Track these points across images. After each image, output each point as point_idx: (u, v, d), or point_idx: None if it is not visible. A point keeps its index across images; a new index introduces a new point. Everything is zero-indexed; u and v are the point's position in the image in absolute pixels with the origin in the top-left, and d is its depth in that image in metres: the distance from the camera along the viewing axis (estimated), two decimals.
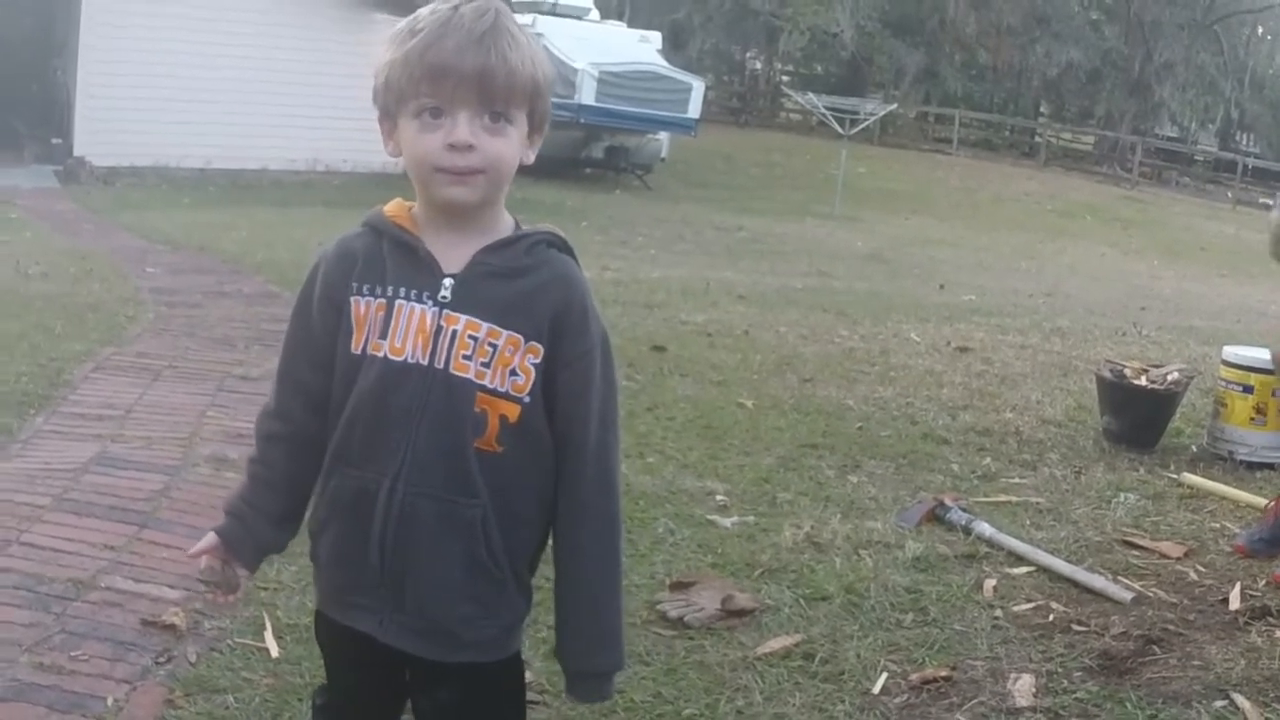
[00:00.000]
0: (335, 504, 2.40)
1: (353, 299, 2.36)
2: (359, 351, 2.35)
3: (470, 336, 2.31)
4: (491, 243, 2.37)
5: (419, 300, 2.33)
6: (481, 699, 2.49)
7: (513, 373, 2.33)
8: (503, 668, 2.50)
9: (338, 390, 2.39)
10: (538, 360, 2.34)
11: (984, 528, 5.52)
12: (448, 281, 2.33)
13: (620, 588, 2.50)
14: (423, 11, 2.30)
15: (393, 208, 2.42)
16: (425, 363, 2.31)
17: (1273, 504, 5.64)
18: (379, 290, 2.35)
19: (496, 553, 2.37)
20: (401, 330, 2.32)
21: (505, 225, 2.41)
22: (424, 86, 2.26)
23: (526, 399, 2.34)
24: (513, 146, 2.33)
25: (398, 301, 2.33)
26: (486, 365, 2.31)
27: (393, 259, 2.37)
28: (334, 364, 2.39)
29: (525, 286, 2.35)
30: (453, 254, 2.35)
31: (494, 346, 2.32)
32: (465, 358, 2.31)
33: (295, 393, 2.46)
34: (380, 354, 2.33)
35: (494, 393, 2.32)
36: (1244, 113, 54.05)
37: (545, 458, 2.40)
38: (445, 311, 2.32)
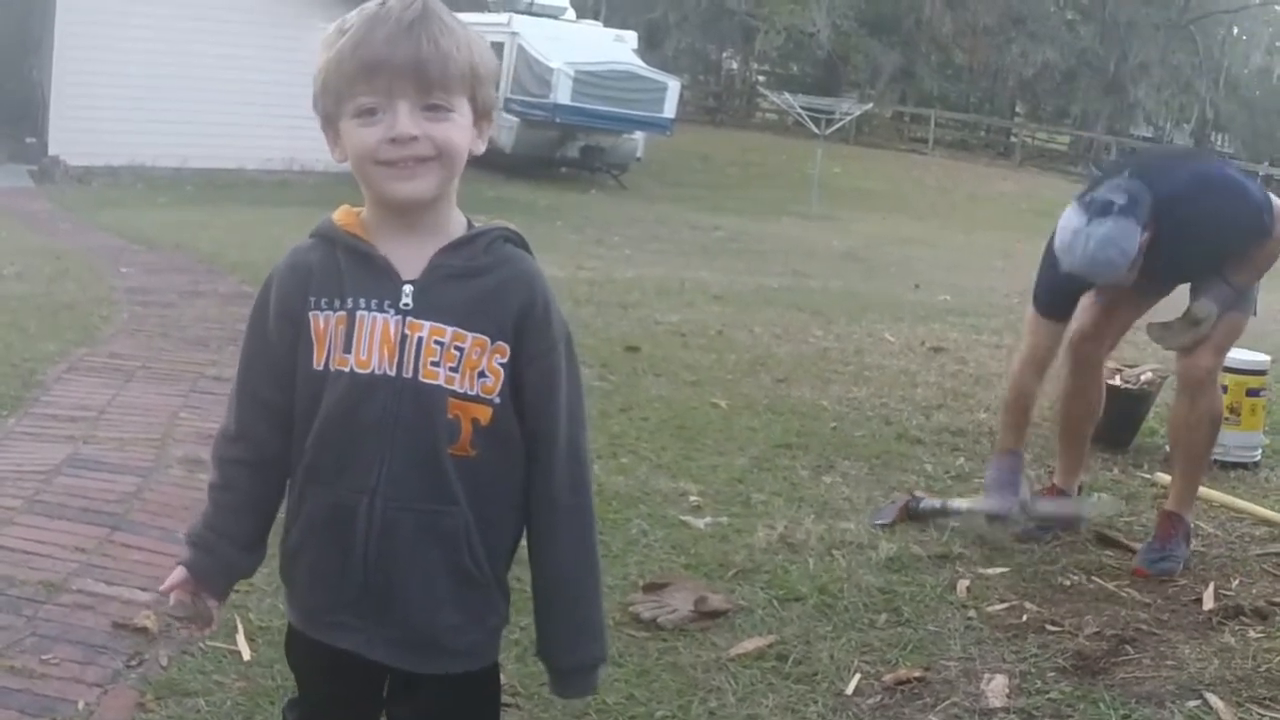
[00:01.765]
0: (310, 525, 2.36)
1: (311, 314, 2.32)
2: (322, 367, 2.31)
3: (436, 342, 2.28)
4: (449, 243, 2.34)
5: (380, 309, 2.29)
6: (462, 706, 2.48)
7: (481, 374, 2.30)
8: (483, 674, 2.49)
9: (301, 408, 2.35)
10: (505, 360, 2.32)
11: (959, 502, 5.54)
12: (408, 288, 2.29)
13: (599, 580, 2.50)
14: (351, 12, 2.27)
15: (342, 215, 2.39)
16: (393, 373, 2.28)
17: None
18: (337, 303, 2.31)
19: (479, 558, 2.35)
20: (365, 342, 2.28)
21: (458, 224, 2.38)
22: (359, 84, 2.23)
23: (497, 400, 2.32)
24: (461, 132, 2.29)
25: (359, 313, 2.29)
26: (455, 370, 2.29)
27: (349, 269, 2.32)
28: (295, 381, 2.36)
29: (487, 286, 2.33)
30: (409, 258, 2.31)
31: (460, 350, 2.29)
32: (433, 364, 2.28)
33: (257, 413, 2.41)
34: (346, 369, 2.29)
35: (464, 397, 2.29)
36: (1219, 113, 54.27)
37: (517, 457, 2.38)
38: (408, 319, 2.28)
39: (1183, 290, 5.48)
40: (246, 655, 4.02)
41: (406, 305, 2.29)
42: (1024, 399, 5.70)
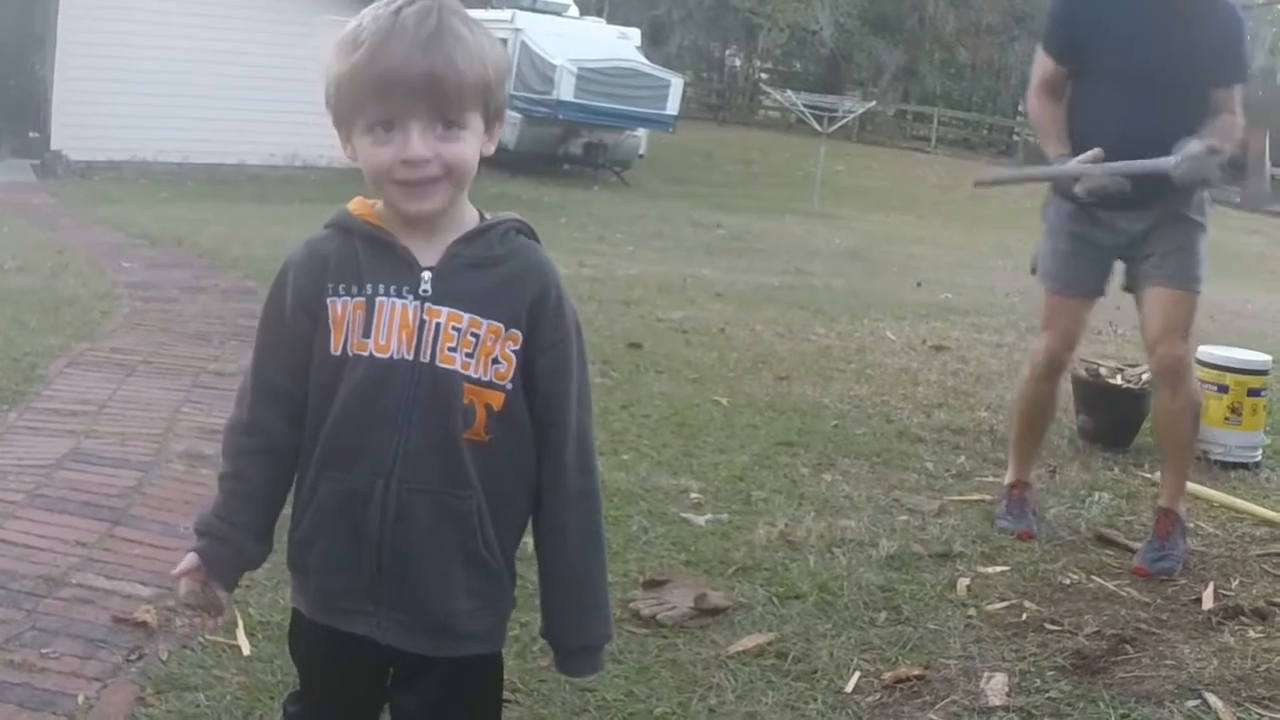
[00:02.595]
0: (324, 511, 2.38)
1: (329, 300, 2.35)
2: (339, 352, 2.33)
3: (453, 328, 2.32)
4: (464, 234, 2.37)
5: (399, 295, 2.32)
6: (466, 693, 2.51)
7: (495, 361, 2.34)
8: (488, 661, 2.53)
9: (317, 394, 2.38)
10: (517, 347, 2.36)
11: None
12: (426, 274, 2.33)
13: (604, 562, 2.54)
14: (366, 16, 2.27)
15: (357, 206, 2.42)
16: (411, 358, 2.31)
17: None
18: (355, 289, 2.34)
19: (491, 542, 2.39)
20: (385, 327, 2.31)
21: (471, 216, 2.42)
22: (372, 102, 2.25)
23: (509, 386, 2.36)
24: (471, 147, 2.32)
25: (378, 299, 2.32)
26: (470, 356, 2.32)
27: (367, 256, 2.36)
28: (308, 370, 2.38)
29: (501, 275, 2.37)
30: (425, 247, 2.35)
31: (476, 336, 2.32)
32: (450, 350, 2.31)
33: (272, 403, 2.43)
34: (365, 353, 2.32)
35: (479, 382, 2.33)
36: None
37: (527, 443, 2.42)
38: (427, 305, 2.32)
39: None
40: (246, 650, 4.02)
41: (425, 291, 2.32)
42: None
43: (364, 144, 2.29)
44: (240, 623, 4.14)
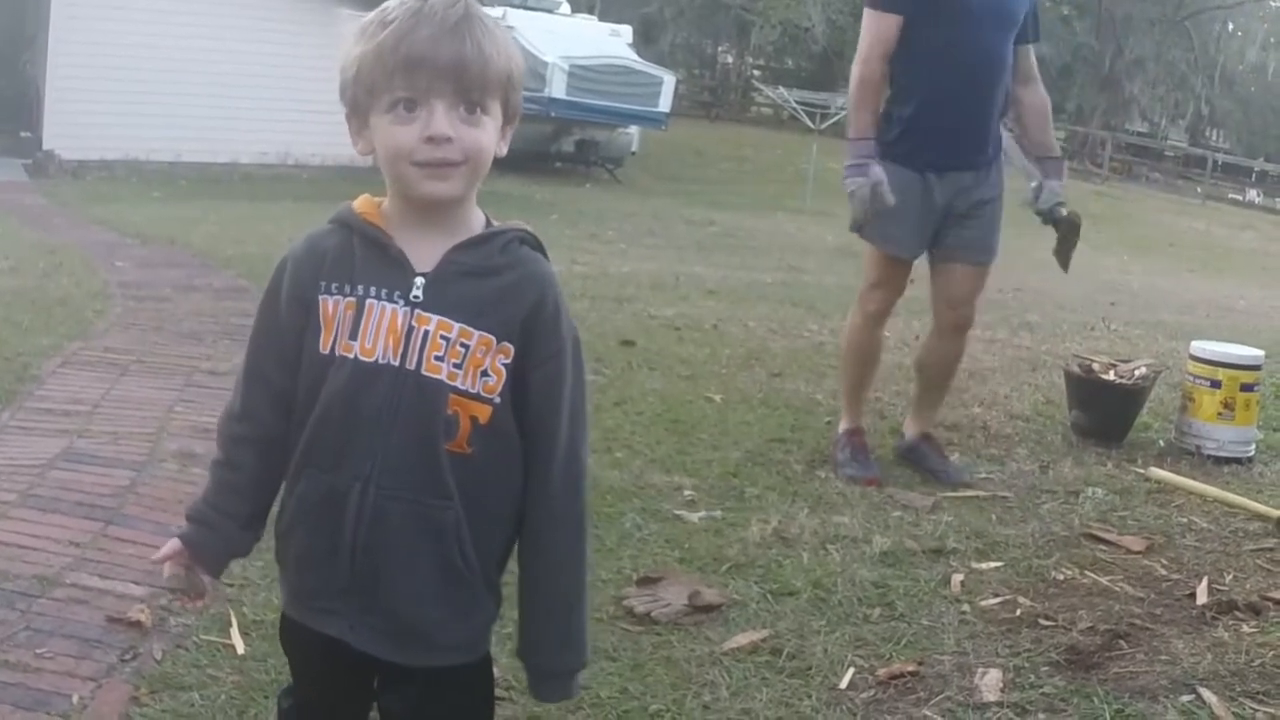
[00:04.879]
0: (303, 506, 2.37)
1: (321, 297, 2.33)
2: (327, 351, 2.32)
3: (442, 337, 2.29)
4: (464, 240, 2.34)
5: (390, 300, 2.30)
6: (452, 700, 2.49)
7: (484, 374, 2.31)
8: (473, 668, 2.51)
9: (304, 390, 2.36)
10: (508, 360, 2.32)
11: None
12: (419, 280, 2.31)
13: (586, 586, 2.50)
14: (391, 4, 2.27)
15: (362, 204, 2.40)
16: (396, 364, 2.29)
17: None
18: (348, 289, 2.32)
19: (468, 555, 2.35)
20: (372, 330, 2.29)
21: (477, 221, 2.39)
22: (398, 79, 2.23)
23: (497, 400, 2.33)
24: (490, 136, 2.31)
25: (368, 301, 2.30)
26: (458, 366, 2.29)
27: (363, 257, 2.34)
28: (300, 363, 2.37)
29: (498, 286, 2.33)
30: (424, 252, 2.32)
31: (466, 347, 2.29)
32: (437, 359, 2.29)
33: (263, 393, 2.43)
34: (351, 355, 2.30)
35: (466, 394, 2.30)
36: (1214, 109, 54.35)
37: (514, 458, 2.38)
38: (417, 311, 2.29)
39: None
40: (240, 649, 4.02)
41: (416, 297, 2.30)
42: None
43: (383, 124, 2.27)
44: (234, 622, 4.14)
